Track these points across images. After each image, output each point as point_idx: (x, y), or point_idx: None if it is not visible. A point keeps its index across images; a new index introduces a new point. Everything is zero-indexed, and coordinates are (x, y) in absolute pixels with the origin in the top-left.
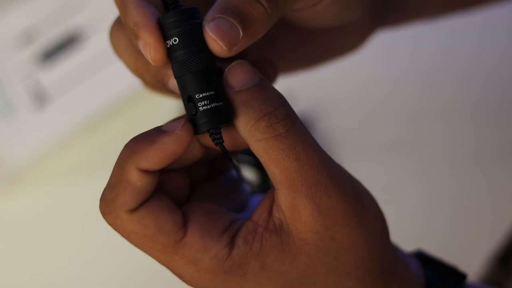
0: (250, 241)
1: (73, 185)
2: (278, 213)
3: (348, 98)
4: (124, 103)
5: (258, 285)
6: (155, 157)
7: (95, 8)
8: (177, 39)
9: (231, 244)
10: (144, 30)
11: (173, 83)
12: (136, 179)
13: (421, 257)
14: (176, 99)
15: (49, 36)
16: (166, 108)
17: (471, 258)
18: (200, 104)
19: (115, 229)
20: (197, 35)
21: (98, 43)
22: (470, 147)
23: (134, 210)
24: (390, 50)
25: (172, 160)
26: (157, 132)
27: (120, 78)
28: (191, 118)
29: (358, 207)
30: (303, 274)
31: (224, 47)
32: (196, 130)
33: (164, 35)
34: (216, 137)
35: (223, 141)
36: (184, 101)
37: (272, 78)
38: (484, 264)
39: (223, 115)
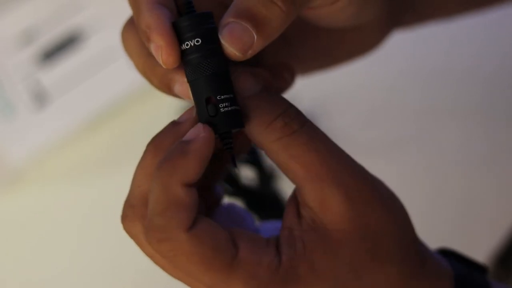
0: (293, 245)
1: (73, 185)
2: (307, 212)
3: (350, 97)
4: (124, 103)
5: (311, 287)
6: (195, 167)
7: (95, 8)
8: (194, 43)
9: (278, 252)
10: (157, 33)
11: (178, 88)
12: (185, 196)
13: (440, 251)
14: (181, 101)
15: (49, 36)
16: (166, 108)
17: (472, 258)
18: (221, 105)
19: (173, 256)
20: (212, 39)
21: (98, 43)
22: (471, 147)
23: (190, 228)
24: (392, 49)
25: (205, 166)
26: (183, 144)
27: (120, 78)
28: (208, 120)
29: (380, 190)
30: (350, 267)
31: (237, 53)
32: (215, 131)
33: (178, 39)
34: (228, 141)
35: (232, 148)
36: (200, 103)
37: (290, 82)
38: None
39: (239, 118)
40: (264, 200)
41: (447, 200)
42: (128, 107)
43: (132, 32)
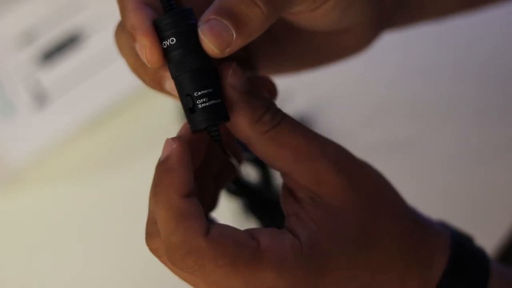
0: (305, 226)
1: (73, 185)
2: (304, 194)
3: (347, 98)
4: (124, 103)
5: (336, 259)
6: (184, 176)
7: (95, 8)
8: (174, 40)
9: (295, 234)
10: (140, 33)
11: (169, 84)
12: (190, 206)
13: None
14: (175, 100)
15: (49, 36)
16: (166, 108)
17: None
18: (198, 101)
19: (200, 267)
20: (192, 36)
21: (98, 43)
22: (471, 147)
23: (207, 235)
24: (389, 49)
25: (193, 170)
26: (162, 164)
27: (120, 78)
28: (190, 117)
29: (366, 165)
30: (360, 231)
31: (215, 49)
32: (195, 127)
33: (160, 37)
34: (214, 134)
35: (221, 139)
36: (182, 100)
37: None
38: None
39: (222, 112)
40: (266, 202)
41: (446, 199)
42: (128, 107)
43: (124, 32)
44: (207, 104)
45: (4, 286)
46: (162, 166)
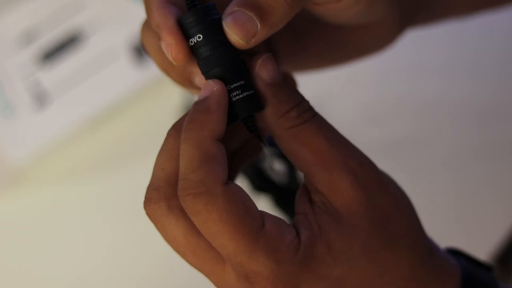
0: (309, 228)
1: (73, 185)
2: (318, 197)
3: (348, 96)
4: (124, 103)
5: (327, 268)
6: (220, 120)
7: (95, 8)
8: (200, 36)
9: (298, 232)
10: (165, 32)
11: (199, 80)
12: (218, 150)
13: (447, 250)
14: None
15: (49, 36)
16: (166, 108)
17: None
18: (232, 94)
19: (206, 212)
20: (218, 30)
21: (98, 43)
22: (471, 146)
23: (225, 184)
24: (391, 48)
25: (226, 118)
26: (202, 102)
27: (120, 78)
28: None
29: (388, 180)
30: (363, 250)
31: (240, 41)
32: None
33: (186, 34)
34: (251, 124)
35: (257, 128)
36: None
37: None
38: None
39: (257, 102)
40: (293, 196)
41: (446, 199)
42: (128, 107)
43: (149, 31)
44: (240, 96)
45: (4, 286)
46: (200, 105)
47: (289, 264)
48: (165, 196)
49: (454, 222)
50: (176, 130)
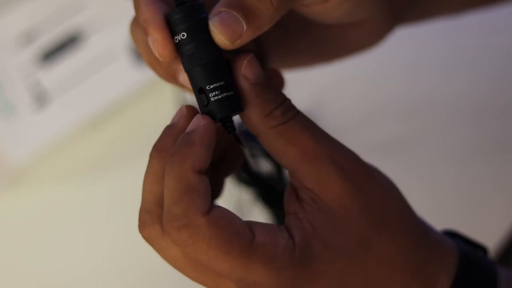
0: (301, 227)
1: (74, 185)
2: (307, 194)
3: (346, 96)
4: (124, 103)
5: (327, 265)
6: (203, 154)
7: (95, 8)
8: (185, 34)
9: (290, 234)
10: (152, 27)
11: (183, 77)
12: (199, 182)
13: (444, 232)
14: (189, 93)
15: (49, 36)
16: (166, 108)
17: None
18: (211, 94)
19: (193, 243)
20: (203, 29)
21: (98, 43)
22: (471, 146)
23: (207, 213)
24: (388, 47)
25: (211, 152)
26: (188, 135)
27: (120, 78)
28: (204, 110)
29: (374, 170)
30: (358, 240)
31: (226, 41)
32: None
33: (172, 31)
34: (228, 125)
35: (235, 129)
36: (195, 94)
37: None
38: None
39: (235, 103)
40: (277, 193)
41: (446, 199)
42: (128, 107)
43: (138, 26)
44: (219, 96)
45: (4, 285)
46: (185, 138)
47: (288, 268)
48: (158, 218)
49: (454, 222)
50: (158, 151)
